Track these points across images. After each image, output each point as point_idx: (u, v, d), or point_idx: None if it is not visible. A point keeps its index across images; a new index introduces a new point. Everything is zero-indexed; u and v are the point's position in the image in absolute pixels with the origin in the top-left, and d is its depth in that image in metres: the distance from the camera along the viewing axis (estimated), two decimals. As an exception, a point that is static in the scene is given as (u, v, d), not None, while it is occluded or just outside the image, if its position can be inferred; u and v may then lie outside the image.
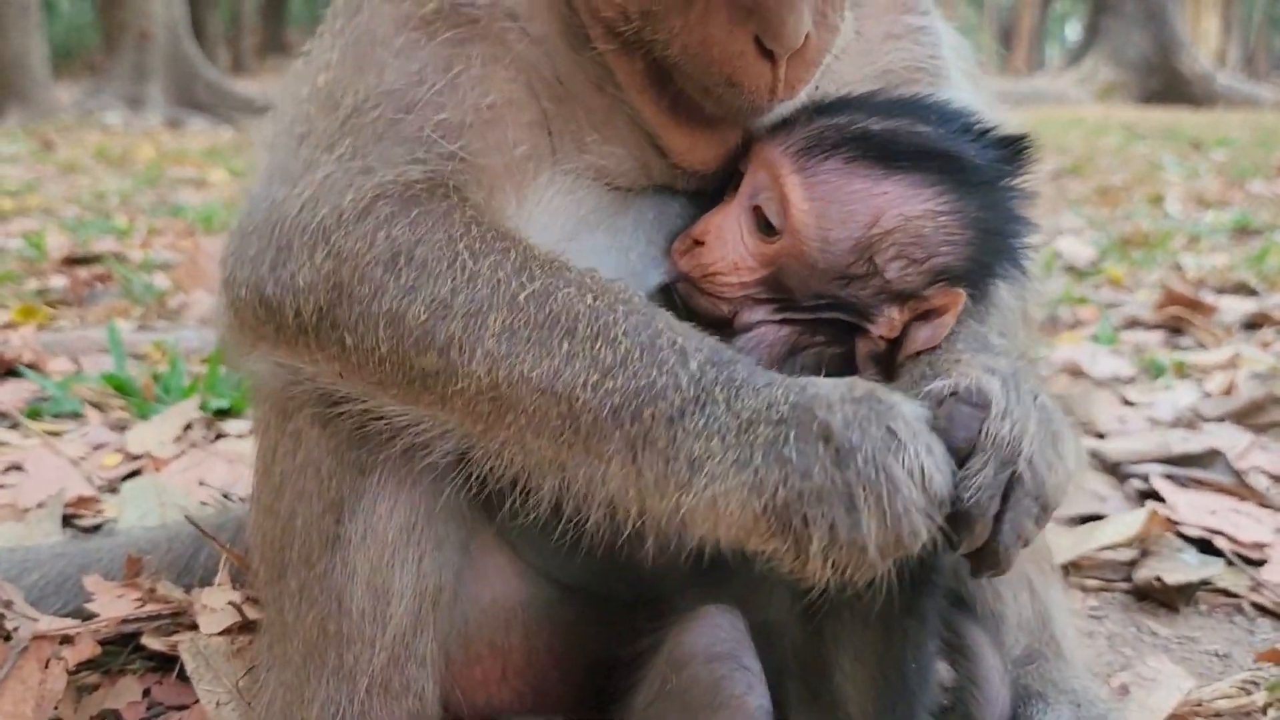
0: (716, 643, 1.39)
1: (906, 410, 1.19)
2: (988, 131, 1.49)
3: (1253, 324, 4.82)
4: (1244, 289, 5.55)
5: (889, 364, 1.47)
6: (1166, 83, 28.87)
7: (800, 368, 1.48)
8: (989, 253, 1.46)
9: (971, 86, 1.77)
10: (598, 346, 1.25)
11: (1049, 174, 11.45)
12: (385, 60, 1.44)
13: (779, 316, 1.48)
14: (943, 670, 1.76)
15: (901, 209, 1.41)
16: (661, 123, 1.50)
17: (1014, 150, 1.49)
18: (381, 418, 1.40)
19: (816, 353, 1.48)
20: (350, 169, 1.39)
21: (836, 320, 1.47)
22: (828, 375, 1.46)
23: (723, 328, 1.45)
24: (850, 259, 1.43)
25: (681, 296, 1.53)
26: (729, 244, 1.48)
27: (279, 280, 1.37)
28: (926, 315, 1.44)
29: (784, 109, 1.48)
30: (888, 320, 1.45)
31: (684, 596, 1.47)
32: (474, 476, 1.39)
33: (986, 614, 1.80)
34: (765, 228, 1.46)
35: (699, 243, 1.50)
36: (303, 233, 1.36)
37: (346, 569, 1.48)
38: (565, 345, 1.25)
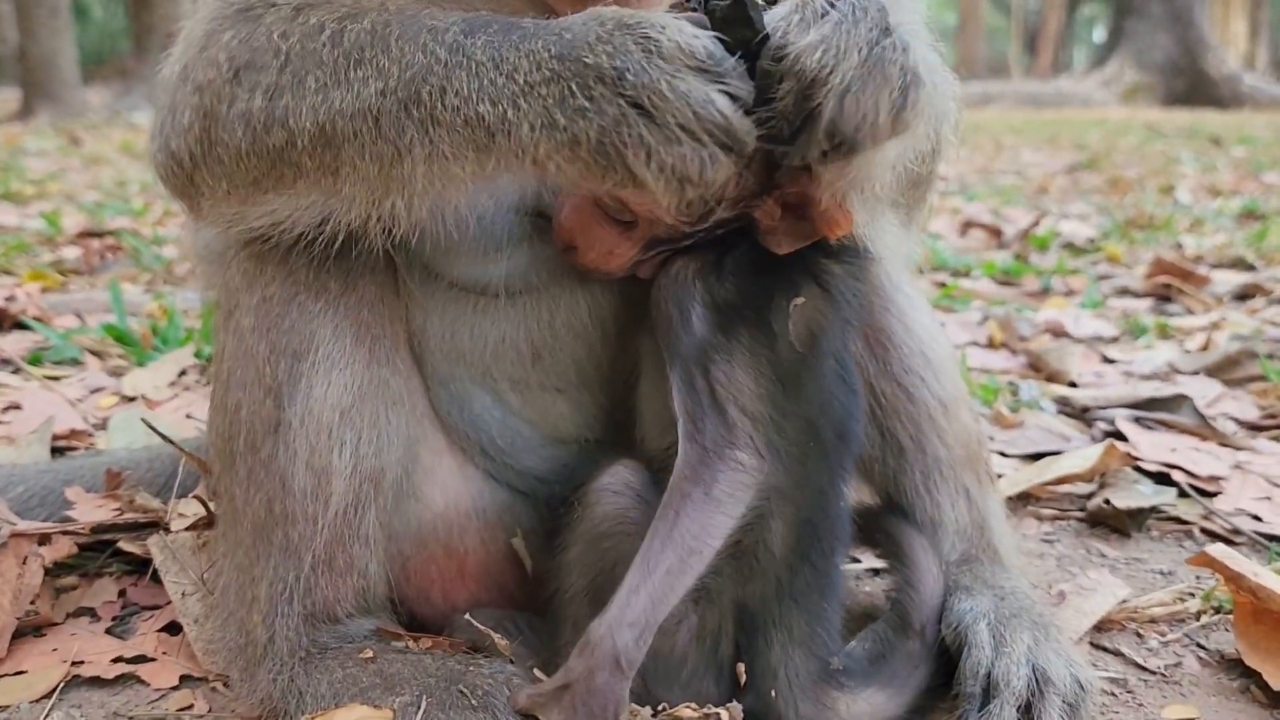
0: (619, 483, 1.50)
1: (652, 19, 1.26)
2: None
3: (1244, 295, 4.82)
4: (1241, 264, 5.56)
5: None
6: (1192, 84, 28.74)
7: (725, 273, 1.56)
8: None
9: None
10: (380, 60, 1.34)
11: (1064, 168, 11.46)
12: None
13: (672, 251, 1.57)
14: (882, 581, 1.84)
15: None
16: None
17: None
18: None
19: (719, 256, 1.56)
20: (204, 17, 1.53)
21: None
22: (746, 269, 1.56)
23: None
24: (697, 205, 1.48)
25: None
26: (596, 241, 1.55)
27: (175, 130, 1.51)
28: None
29: None
30: (765, 212, 1.49)
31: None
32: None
33: (925, 521, 1.86)
34: (620, 221, 1.52)
35: (572, 245, 1.57)
36: (180, 83, 1.51)
37: (289, 451, 1.56)
38: (359, 71, 1.35)
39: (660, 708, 1.41)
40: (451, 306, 1.69)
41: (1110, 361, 3.74)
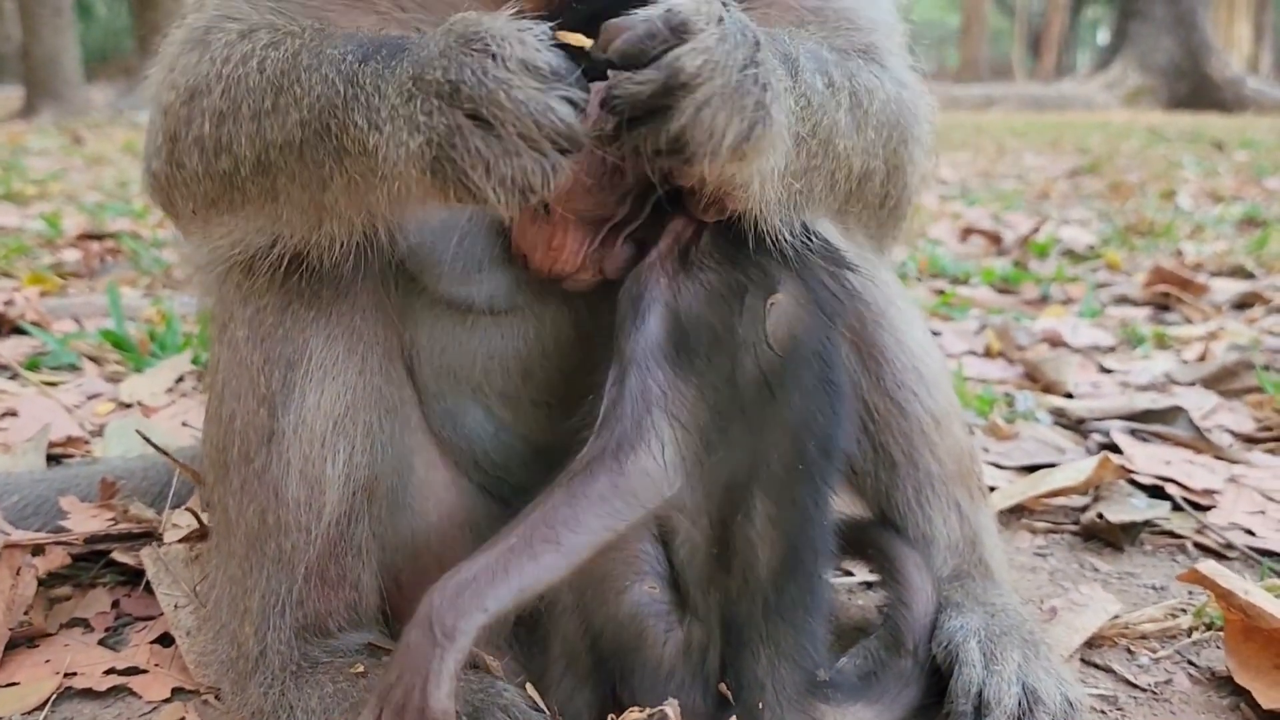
0: None
1: (495, 30, 1.24)
2: None
3: (1243, 304, 4.82)
4: (1240, 272, 5.55)
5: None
6: (1195, 87, 28.72)
7: (691, 267, 1.52)
8: None
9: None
10: (295, 90, 1.35)
11: (1066, 171, 11.45)
12: None
13: (626, 239, 1.54)
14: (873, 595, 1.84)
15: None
16: None
17: None
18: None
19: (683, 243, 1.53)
20: (174, 39, 1.56)
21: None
22: (714, 264, 1.54)
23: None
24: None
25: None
26: (537, 242, 1.54)
27: (153, 150, 1.55)
28: None
29: None
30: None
31: None
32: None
33: (917, 536, 1.87)
34: (539, 211, 1.50)
35: (526, 256, 1.56)
36: (154, 105, 1.54)
37: (282, 461, 1.57)
38: (281, 99, 1.36)
39: (609, 717, 1.42)
40: (440, 322, 1.69)
41: (1107, 371, 3.74)
